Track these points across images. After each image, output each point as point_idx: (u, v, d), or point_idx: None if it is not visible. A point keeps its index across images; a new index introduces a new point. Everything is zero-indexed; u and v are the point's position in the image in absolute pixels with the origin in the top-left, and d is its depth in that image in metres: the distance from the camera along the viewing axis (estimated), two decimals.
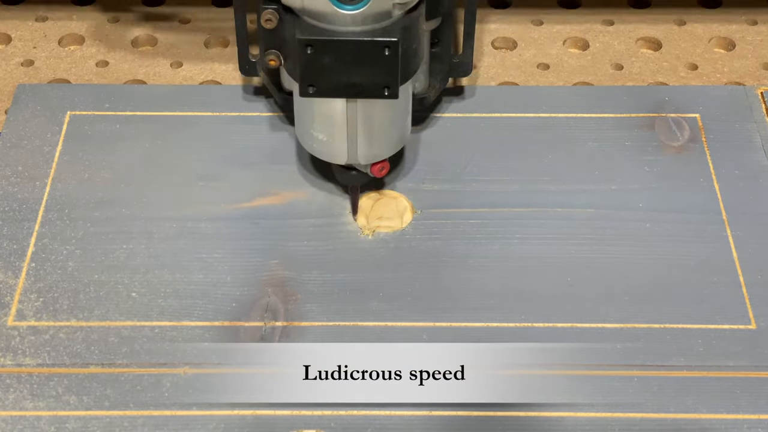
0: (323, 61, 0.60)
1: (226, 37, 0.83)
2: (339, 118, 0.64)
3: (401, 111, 0.66)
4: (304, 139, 0.67)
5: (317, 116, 0.65)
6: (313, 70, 0.61)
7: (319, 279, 0.66)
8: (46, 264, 0.66)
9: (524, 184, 0.71)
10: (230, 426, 0.59)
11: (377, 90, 0.61)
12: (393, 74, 0.61)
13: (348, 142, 0.65)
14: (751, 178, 0.71)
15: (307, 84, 0.61)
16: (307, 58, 0.60)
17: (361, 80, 0.61)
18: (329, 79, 0.61)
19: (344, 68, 0.60)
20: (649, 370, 0.62)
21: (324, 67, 0.60)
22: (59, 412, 0.60)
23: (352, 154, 0.65)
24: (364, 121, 0.64)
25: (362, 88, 0.61)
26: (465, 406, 0.60)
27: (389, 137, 0.66)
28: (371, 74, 0.61)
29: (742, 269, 0.66)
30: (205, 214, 0.69)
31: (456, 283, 0.66)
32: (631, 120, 0.75)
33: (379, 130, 0.65)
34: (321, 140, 0.65)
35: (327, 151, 0.66)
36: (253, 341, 0.62)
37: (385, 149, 0.66)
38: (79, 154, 0.72)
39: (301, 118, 0.66)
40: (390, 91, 0.61)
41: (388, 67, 0.61)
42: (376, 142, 0.65)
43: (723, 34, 0.83)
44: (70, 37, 0.83)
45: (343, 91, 0.62)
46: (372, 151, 0.66)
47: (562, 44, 0.83)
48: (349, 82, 0.61)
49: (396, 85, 0.61)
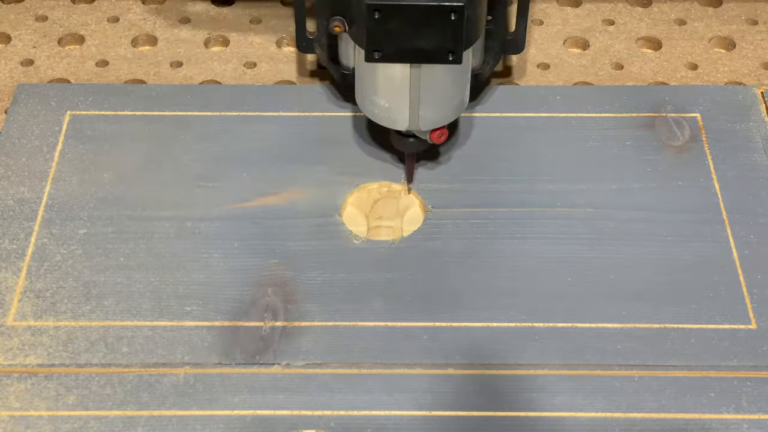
0: (390, 26, 0.62)
1: (226, 37, 0.83)
2: (402, 84, 0.65)
3: (462, 77, 0.67)
4: (365, 105, 0.68)
5: (380, 82, 0.66)
6: (380, 35, 0.62)
7: (319, 279, 0.66)
8: (46, 264, 0.66)
9: (524, 184, 0.71)
10: (230, 426, 0.59)
11: (442, 55, 0.63)
12: (458, 39, 0.62)
13: (410, 108, 0.66)
14: (751, 178, 0.71)
15: (374, 49, 0.63)
16: (374, 23, 0.61)
17: (426, 45, 0.62)
18: (395, 43, 0.62)
19: (410, 33, 0.62)
20: (649, 370, 0.62)
21: (390, 32, 0.62)
22: (59, 412, 0.60)
23: (413, 120, 0.67)
24: (426, 87, 0.65)
25: (427, 53, 0.63)
26: (465, 406, 0.60)
27: (450, 103, 0.67)
28: (436, 39, 0.62)
29: (742, 269, 0.66)
30: (205, 214, 0.69)
31: (456, 283, 0.66)
32: (631, 120, 0.75)
33: (441, 96, 0.66)
34: (383, 106, 0.67)
35: (389, 118, 0.67)
36: (253, 341, 0.63)
37: (446, 115, 0.68)
38: (79, 154, 0.72)
39: (363, 84, 0.67)
40: (454, 57, 0.63)
41: (454, 32, 0.62)
42: (437, 108, 0.66)
43: (723, 34, 0.83)
44: (70, 37, 0.83)
45: (408, 56, 0.63)
46: (433, 117, 0.67)
47: (562, 44, 0.83)
48: (414, 46, 0.62)
49: (460, 50, 0.63)
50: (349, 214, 0.70)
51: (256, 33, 0.83)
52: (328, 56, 0.73)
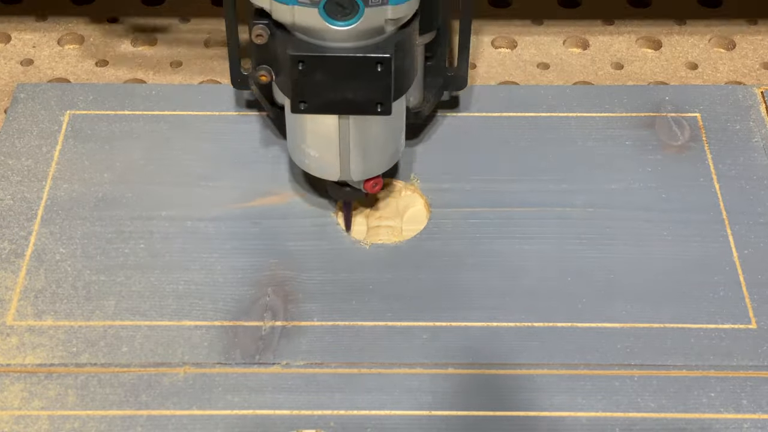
0: (315, 78, 0.59)
1: (225, 37, 0.83)
2: (331, 135, 0.63)
3: (395, 127, 0.65)
4: (295, 154, 0.66)
5: (309, 132, 0.64)
6: (305, 87, 0.60)
7: (319, 279, 0.66)
8: (46, 263, 0.66)
9: (524, 183, 0.71)
10: (230, 426, 0.59)
11: (370, 106, 0.61)
12: (386, 90, 0.60)
13: (341, 159, 0.64)
14: (751, 177, 0.72)
15: (299, 100, 0.61)
16: (298, 74, 0.59)
17: (353, 96, 0.60)
18: (321, 95, 0.60)
19: (336, 84, 0.60)
20: (649, 370, 0.62)
21: (316, 84, 0.60)
22: (59, 412, 0.60)
23: (345, 170, 0.65)
24: (357, 138, 0.63)
25: (355, 104, 0.60)
26: (465, 406, 0.60)
27: (383, 153, 0.65)
28: (364, 90, 0.60)
29: (742, 269, 0.66)
30: (205, 214, 0.69)
31: (456, 282, 0.66)
32: (631, 120, 0.75)
33: (372, 146, 0.64)
34: (313, 156, 0.65)
35: (319, 168, 0.65)
36: (253, 341, 0.62)
37: (379, 166, 0.66)
38: (79, 154, 0.72)
39: (293, 133, 0.66)
40: (383, 108, 0.61)
41: (381, 84, 0.60)
42: (369, 158, 0.65)
43: (723, 34, 0.83)
44: (70, 37, 0.83)
45: (335, 108, 0.61)
46: (365, 168, 0.65)
47: (562, 44, 0.83)
48: (341, 98, 0.60)
49: (389, 102, 0.60)
50: None
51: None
52: (262, 94, 0.71)
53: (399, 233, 0.69)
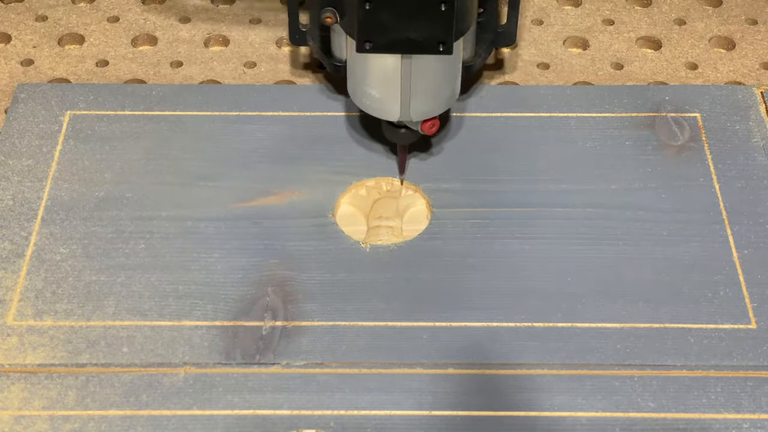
0: (381, 17, 0.62)
1: (225, 37, 0.83)
2: (393, 75, 0.65)
3: (454, 68, 0.67)
4: (356, 96, 0.68)
5: (371, 73, 0.66)
6: (371, 26, 0.62)
7: (319, 279, 0.66)
8: (46, 263, 0.66)
9: (524, 184, 0.71)
10: (230, 426, 0.59)
11: (432, 46, 0.63)
12: (448, 29, 0.62)
13: (401, 99, 0.66)
14: (751, 177, 0.72)
15: (365, 40, 0.63)
16: (365, 14, 0.62)
17: (416, 36, 0.62)
18: (386, 34, 0.62)
19: (401, 23, 0.62)
20: (649, 370, 0.62)
21: (381, 23, 0.62)
22: (59, 412, 0.60)
23: (404, 110, 0.67)
24: (418, 78, 0.65)
25: (418, 43, 0.63)
26: (465, 406, 0.60)
27: (441, 94, 0.67)
28: (427, 30, 0.62)
29: (742, 269, 0.66)
30: (205, 214, 0.69)
31: (456, 282, 0.66)
32: (631, 120, 0.75)
33: (432, 86, 0.66)
34: (374, 97, 0.67)
35: (380, 108, 0.67)
36: (253, 341, 0.63)
37: (437, 106, 0.68)
38: (79, 154, 0.72)
39: (355, 75, 0.68)
40: (445, 47, 0.63)
41: (444, 23, 0.62)
42: (429, 98, 0.67)
43: (723, 34, 0.83)
44: (70, 37, 0.83)
45: (399, 47, 0.63)
46: (424, 108, 0.67)
47: (562, 44, 0.83)
48: (405, 37, 0.62)
49: (451, 41, 0.63)
50: (347, 214, 0.70)
51: (256, 33, 0.83)
52: (320, 49, 0.73)
53: (399, 233, 0.69)
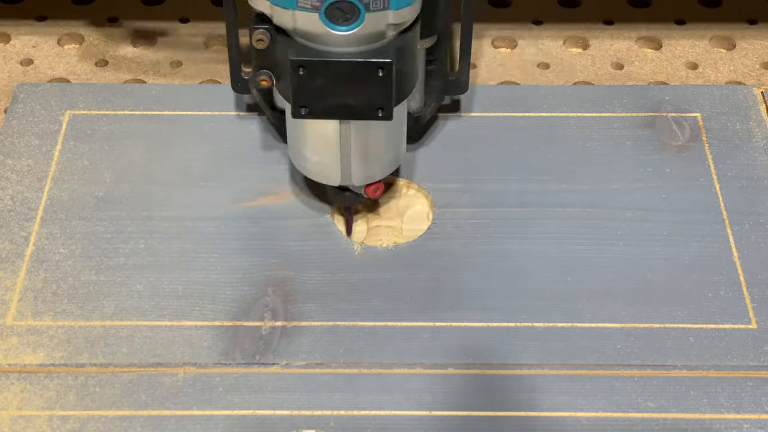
0: (316, 83, 0.59)
1: (225, 36, 0.83)
2: (332, 140, 0.63)
3: (396, 131, 0.65)
4: (296, 159, 0.66)
5: (310, 137, 0.64)
6: (306, 92, 0.60)
7: (319, 279, 0.66)
8: (45, 264, 0.66)
9: (524, 184, 0.71)
10: (230, 426, 0.59)
11: (371, 111, 0.60)
12: (387, 96, 0.60)
13: (342, 164, 0.64)
14: (751, 177, 0.72)
15: (300, 105, 0.60)
16: (299, 79, 0.59)
17: (354, 102, 0.60)
18: (322, 100, 0.60)
19: (337, 89, 0.59)
20: (649, 370, 0.62)
21: (317, 89, 0.59)
22: (59, 412, 0.60)
23: (345, 175, 0.65)
24: (358, 143, 0.63)
25: (356, 109, 0.60)
26: (465, 406, 0.60)
27: (384, 158, 0.65)
28: (365, 96, 0.60)
29: (742, 269, 0.66)
30: (205, 214, 0.69)
31: (456, 282, 0.66)
32: (631, 120, 0.75)
33: (373, 151, 0.64)
34: (314, 161, 0.65)
35: (320, 173, 0.65)
36: (253, 341, 0.62)
37: (380, 170, 0.66)
38: (79, 154, 0.72)
39: (294, 138, 0.66)
40: (384, 113, 0.60)
41: (383, 89, 0.59)
42: (370, 163, 0.65)
43: (723, 34, 0.83)
44: (70, 37, 0.83)
45: (336, 113, 0.61)
46: (366, 173, 0.65)
47: (562, 44, 0.83)
48: (342, 103, 0.60)
49: (390, 107, 0.60)
50: None
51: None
52: (262, 98, 0.70)
53: (399, 233, 0.69)
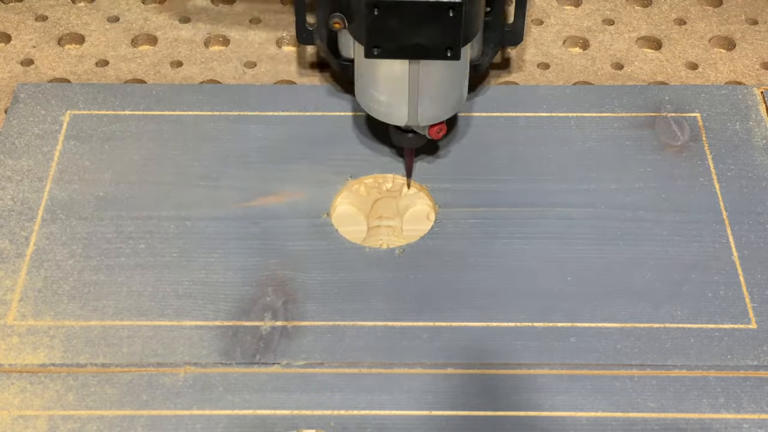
0: (389, 23, 0.62)
1: (226, 37, 0.83)
2: (401, 80, 0.65)
3: (461, 73, 0.67)
4: (364, 100, 0.68)
5: (379, 78, 0.66)
6: (379, 32, 0.62)
7: (319, 279, 0.66)
8: (46, 264, 0.66)
9: (524, 183, 0.71)
10: (230, 426, 0.59)
11: (441, 51, 0.63)
12: (456, 36, 0.62)
13: (409, 104, 0.66)
14: (751, 177, 0.71)
15: (373, 45, 0.63)
16: (373, 20, 0.62)
17: (425, 41, 0.62)
18: (395, 40, 0.62)
19: (409, 29, 0.62)
20: (649, 370, 0.62)
21: (390, 29, 0.62)
22: (59, 412, 0.60)
23: (412, 115, 0.67)
24: (425, 83, 0.65)
25: (426, 49, 0.63)
26: (465, 406, 0.60)
27: (449, 99, 0.67)
28: (436, 35, 0.62)
29: (742, 269, 0.66)
30: (205, 214, 0.69)
31: (456, 282, 0.66)
32: (631, 120, 0.75)
33: (439, 91, 0.66)
34: (382, 102, 0.67)
35: (388, 113, 0.67)
36: (253, 341, 0.62)
37: (445, 111, 0.68)
38: (79, 154, 0.72)
39: (363, 80, 0.68)
40: (452, 53, 0.63)
41: (452, 29, 0.62)
42: (436, 103, 0.67)
43: (723, 34, 0.83)
44: (70, 37, 0.83)
45: (407, 53, 0.63)
46: (432, 113, 0.67)
47: (562, 44, 0.83)
48: (413, 43, 0.63)
49: (459, 47, 0.63)
50: (347, 213, 0.70)
51: (256, 33, 0.83)
52: (327, 48, 0.73)
53: (399, 233, 0.69)
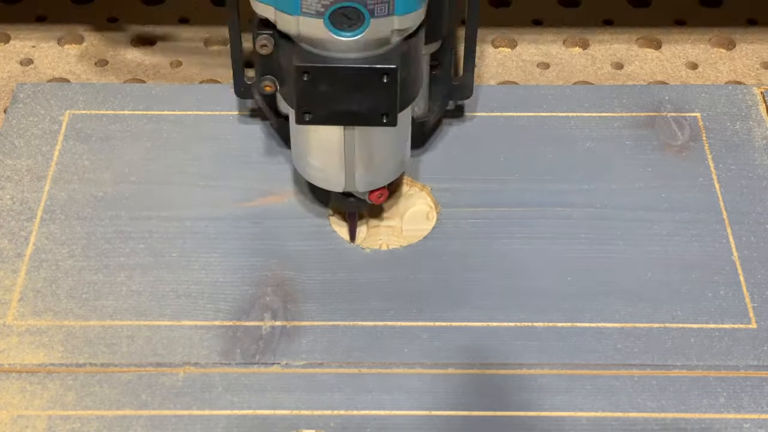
0: (320, 88, 0.59)
1: (225, 36, 0.83)
2: (336, 146, 0.63)
3: (400, 138, 0.65)
4: (300, 165, 0.66)
5: (314, 143, 0.63)
6: (310, 97, 0.59)
7: (319, 279, 0.66)
8: (45, 263, 0.66)
9: (524, 183, 0.71)
10: (230, 426, 0.59)
11: (375, 117, 0.60)
12: (392, 101, 0.59)
13: (346, 170, 0.64)
14: (751, 177, 0.72)
15: (304, 111, 0.60)
16: (303, 85, 0.59)
17: (359, 107, 0.59)
18: (326, 106, 0.59)
19: (342, 95, 0.59)
20: (649, 370, 0.62)
21: (321, 94, 0.59)
22: (58, 412, 0.60)
23: (349, 181, 0.64)
24: (362, 149, 0.63)
25: (360, 115, 0.60)
26: (465, 406, 0.60)
27: (388, 164, 0.65)
28: (369, 101, 0.59)
29: (742, 269, 0.66)
30: (205, 214, 0.69)
31: (456, 282, 0.66)
32: (631, 120, 0.75)
33: (377, 157, 0.64)
34: (317, 167, 0.64)
35: (324, 179, 0.65)
36: (253, 341, 0.62)
37: (384, 177, 0.65)
38: (79, 154, 0.72)
39: (297, 144, 0.65)
40: (389, 119, 0.60)
41: (387, 95, 0.59)
42: (374, 169, 0.64)
43: (723, 34, 0.83)
44: (70, 37, 0.83)
45: (340, 119, 0.60)
46: (370, 179, 0.65)
47: (562, 44, 0.83)
48: (346, 109, 0.59)
49: (395, 113, 0.60)
50: None
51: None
52: (266, 103, 0.70)
53: (399, 233, 0.69)
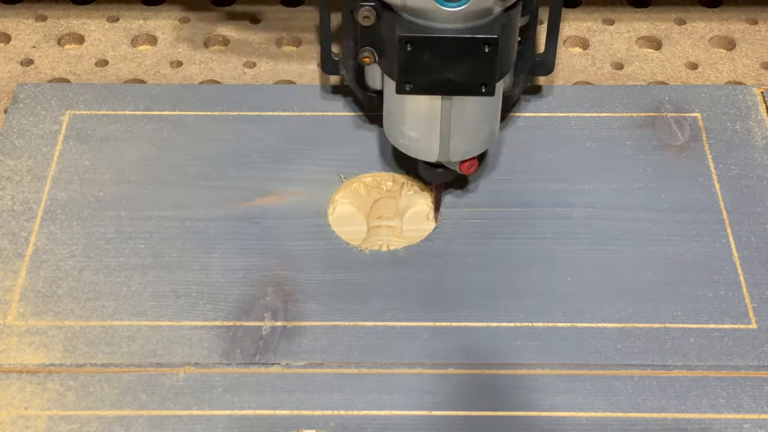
0: (422, 58, 0.60)
1: (226, 37, 0.83)
2: (433, 116, 0.64)
3: (494, 108, 0.66)
4: (393, 136, 0.67)
5: (410, 113, 0.64)
6: (412, 67, 0.61)
7: (319, 279, 0.66)
8: (45, 264, 0.66)
9: (524, 183, 0.71)
10: (230, 426, 0.59)
11: (474, 87, 0.61)
12: (491, 71, 0.61)
13: (440, 140, 0.65)
14: (751, 177, 0.71)
15: (405, 81, 0.61)
16: (406, 55, 0.60)
17: (459, 77, 0.61)
18: (427, 76, 0.61)
19: (443, 65, 0.60)
20: (649, 370, 0.62)
21: (422, 64, 0.60)
22: (59, 412, 0.60)
23: (443, 151, 0.65)
24: (457, 119, 0.64)
25: (460, 85, 0.61)
26: (465, 406, 0.60)
27: (481, 134, 0.66)
28: (470, 71, 0.61)
29: (742, 269, 0.66)
30: (205, 214, 0.69)
31: (456, 282, 0.66)
32: (631, 120, 0.75)
33: (472, 127, 0.65)
34: (412, 137, 0.65)
35: (418, 149, 0.66)
36: (253, 341, 0.62)
37: (477, 146, 0.66)
38: (79, 154, 0.72)
39: (392, 115, 0.66)
40: (487, 89, 0.61)
41: (487, 64, 0.60)
42: (468, 139, 0.65)
43: (723, 34, 0.83)
44: (70, 37, 0.83)
45: (440, 88, 0.62)
46: (464, 149, 0.66)
47: (562, 44, 0.83)
48: (446, 79, 0.61)
49: (493, 82, 0.61)
50: (347, 213, 0.70)
51: (256, 33, 0.83)
52: (354, 78, 0.71)
53: (399, 233, 0.69)
